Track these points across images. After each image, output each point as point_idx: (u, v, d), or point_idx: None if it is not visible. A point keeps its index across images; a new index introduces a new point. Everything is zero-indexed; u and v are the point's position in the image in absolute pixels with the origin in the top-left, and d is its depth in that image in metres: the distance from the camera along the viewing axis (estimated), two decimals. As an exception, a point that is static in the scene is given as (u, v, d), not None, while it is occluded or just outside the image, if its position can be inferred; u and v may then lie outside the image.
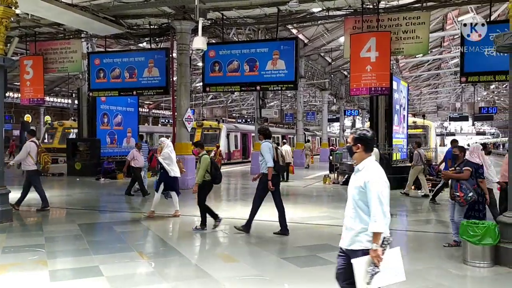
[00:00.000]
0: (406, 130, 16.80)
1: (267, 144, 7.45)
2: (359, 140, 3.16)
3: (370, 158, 3.17)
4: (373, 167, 3.11)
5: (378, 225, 2.95)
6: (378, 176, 3.05)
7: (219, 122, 29.07)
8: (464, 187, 6.43)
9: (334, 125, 55.71)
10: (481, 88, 36.19)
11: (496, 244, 5.52)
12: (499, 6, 16.15)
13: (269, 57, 13.02)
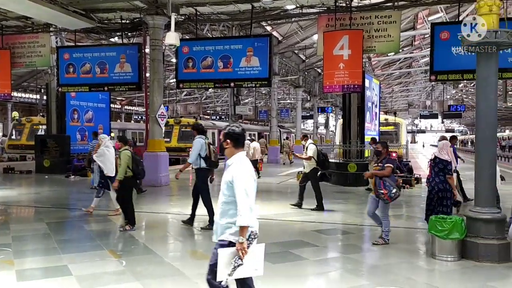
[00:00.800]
0: (378, 127, 17.09)
1: (199, 140, 7.59)
2: (228, 136, 3.28)
3: (240, 153, 3.26)
4: (241, 162, 3.20)
5: (244, 219, 3.03)
6: (245, 172, 3.14)
7: (197, 119, 28.92)
8: (388, 184, 6.46)
9: (308, 122, 56.13)
10: (450, 87, 37.12)
11: (463, 238, 5.68)
12: (468, 7, 16.56)
13: (243, 54, 12.99)
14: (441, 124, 67.92)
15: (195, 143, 7.57)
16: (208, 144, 7.66)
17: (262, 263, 3.17)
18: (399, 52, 25.51)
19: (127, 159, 7.38)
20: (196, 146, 7.51)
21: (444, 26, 12.13)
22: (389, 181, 6.46)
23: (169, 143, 24.62)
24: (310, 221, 8.40)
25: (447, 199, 7.59)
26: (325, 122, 45.04)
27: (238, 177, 3.11)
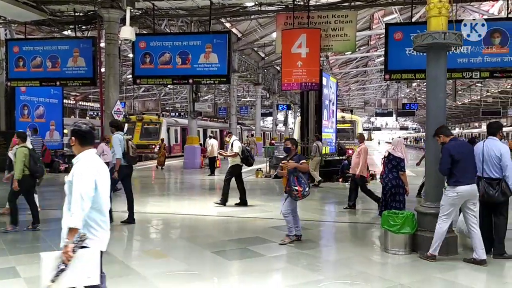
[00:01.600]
0: (335, 124, 17.41)
1: (118, 136, 7.64)
2: (74, 133, 3.09)
3: (87, 151, 3.07)
4: (85, 160, 3.02)
5: (73, 220, 2.83)
6: (85, 171, 2.94)
7: (159, 117, 28.61)
8: (303, 181, 6.26)
9: (268, 119, 56.44)
10: (404, 86, 38.39)
11: (414, 232, 5.89)
12: (420, 8, 17.17)
13: (201, 50, 12.87)
14: (396, 122, 70.17)
15: (113, 140, 7.59)
16: (126, 140, 7.70)
17: (97, 271, 2.88)
18: (356, 51, 26.13)
19: (22, 156, 7.01)
20: (116, 142, 7.54)
21: (398, 27, 12.50)
22: (304, 178, 6.30)
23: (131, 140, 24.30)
24: (267, 218, 8.45)
25: (400, 194, 7.87)
26: (284, 119, 45.43)
27: (77, 177, 2.89)
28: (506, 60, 11.01)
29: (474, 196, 5.47)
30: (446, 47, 5.94)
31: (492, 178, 5.63)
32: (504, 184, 5.56)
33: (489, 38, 11.03)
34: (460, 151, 5.50)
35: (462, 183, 5.38)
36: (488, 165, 5.67)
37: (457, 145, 5.61)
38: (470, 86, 39.86)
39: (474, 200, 5.48)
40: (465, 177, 5.40)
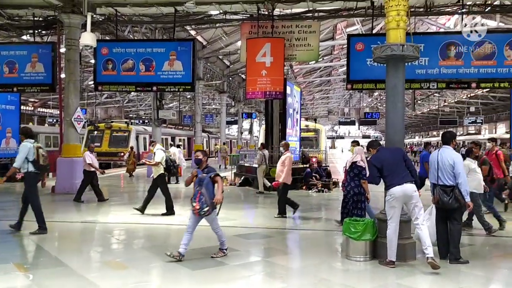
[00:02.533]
0: (299, 133, 17.60)
1: (27, 144, 7.51)
2: None
3: None
4: None
5: None
6: None
7: (128, 124, 28.25)
8: (204, 199, 5.78)
9: (233, 127, 56.46)
10: (366, 95, 39.35)
11: (374, 239, 6.01)
12: (381, 20, 17.70)
13: (166, 58, 12.78)
14: (358, 130, 71.68)
15: (21, 147, 7.45)
16: (37, 148, 7.57)
17: None
18: (319, 61, 26.60)
19: None
20: (23, 150, 7.39)
21: (359, 38, 12.84)
22: (207, 196, 5.76)
23: (100, 148, 24.26)
24: (231, 226, 8.41)
25: (361, 202, 8.03)
26: (250, 127, 45.58)
27: None
28: (461, 72, 11.50)
29: (409, 197, 5.64)
30: (404, 58, 6.15)
31: (446, 185, 5.86)
32: (457, 191, 5.79)
33: (445, 51, 11.50)
34: (381, 159, 5.83)
35: (393, 185, 5.66)
36: (443, 172, 5.89)
37: (378, 154, 5.98)
38: (429, 96, 41.37)
39: (413, 201, 5.66)
40: (394, 179, 5.67)
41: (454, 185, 5.81)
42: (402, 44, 5.95)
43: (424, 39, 11.81)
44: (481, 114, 39.10)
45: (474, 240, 7.53)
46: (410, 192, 5.64)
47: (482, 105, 41.43)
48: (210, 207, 5.77)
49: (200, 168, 6.06)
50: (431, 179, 6.14)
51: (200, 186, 5.82)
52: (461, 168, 5.84)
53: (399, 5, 6.02)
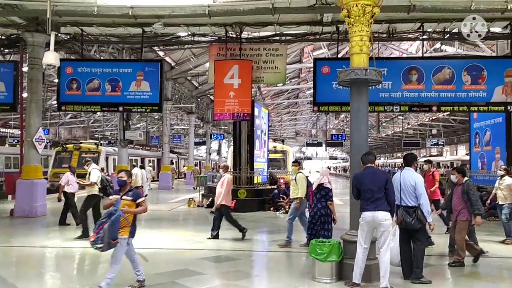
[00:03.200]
0: (266, 154, 17.68)
1: None
2: None
3: None
4: None
5: None
6: None
7: (98, 146, 27.74)
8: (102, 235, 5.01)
9: (201, 148, 56.14)
10: (332, 117, 40.10)
11: (340, 260, 6.03)
12: (347, 45, 18.19)
13: (133, 78, 12.66)
14: (326, 152, 72.65)
15: None
16: None
17: None
18: (287, 83, 27.01)
19: None
20: None
21: (325, 62, 13.13)
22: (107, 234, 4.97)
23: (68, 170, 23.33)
24: (198, 249, 8.28)
25: (328, 223, 8.10)
26: (218, 148, 45.46)
27: None
28: (422, 96, 11.89)
29: (379, 224, 5.61)
30: (367, 82, 6.32)
31: (409, 206, 5.98)
32: (419, 212, 5.92)
33: (407, 75, 11.90)
34: (359, 181, 5.83)
35: (364, 210, 5.69)
36: (405, 194, 6.02)
37: (360, 175, 5.92)
38: (393, 119, 42.54)
39: (382, 229, 5.62)
40: (368, 205, 5.66)
41: (416, 206, 5.94)
42: (365, 69, 6.12)
43: (387, 63, 12.20)
44: (442, 136, 40.44)
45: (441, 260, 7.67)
46: (380, 220, 5.59)
47: (444, 127, 42.89)
48: (105, 246, 4.99)
49: (122, 191, 5.47)
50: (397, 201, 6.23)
51: (108, 218, 5.06)
52: (422, 189, 5.99)
53: (362, 31, 6.22)
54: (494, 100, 11.66)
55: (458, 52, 19.46)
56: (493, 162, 15.10)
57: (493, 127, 15.36)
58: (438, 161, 41.46)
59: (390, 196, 5.70)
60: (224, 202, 9.24)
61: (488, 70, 11.69)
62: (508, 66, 11.76)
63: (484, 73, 11.68)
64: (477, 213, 7.04)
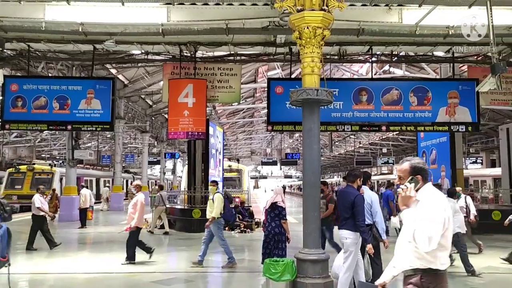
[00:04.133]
0: (221, 173, 17.59)
1: None
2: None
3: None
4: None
5: None
6: None
7: (52, 166, 26.86)
8: None
9: (156, 168, 55.09)
10: (287, 136, 40.65)
11: (294, 279, 6.02)
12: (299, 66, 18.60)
13: (83, 96, 12.30)
14: (280, 170, 73.30)
15: None
16: None
17: None
18: (242, 103, 27.18)
19: None
20: None
21: (279, 82, 13.35)
22: None
23: (21, 191, 23.65)
24: (150, 272, 8.04)
25: (282, 242, 8.08)
26: (173, 167, 44.79)
27: None
28: (372, 116, 12.31)
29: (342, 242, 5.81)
30: (319, 102, 6.45)
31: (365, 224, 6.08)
32: (374, 229, 6.04)
33: (358, 96, 12.29)
34: (335, 199, 5.96)
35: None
36: None
37: (338, 193, 6.21)
38: (345, 138, 43.65)
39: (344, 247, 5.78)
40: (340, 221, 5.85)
41: (372, 223, 6.06)
42: (316, 89, 6.25)
43: (339, 84, 12.57)
44: (392, 155, 41.94)
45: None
46: (341, 238, 5.78)
47: (393, 146, 44.49)
48: None
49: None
50: None
51: None
52: (378, 207, 6.15)
53: (313, 53, 6.37)
54: (438, 120, 12.25)
55: (406, 74, 20.37)
56: (439, 179, 15.77)
57: (438, 146, 16.10)
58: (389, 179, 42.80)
59: (358, 215, 5.71)
60: (137, 224, 8.80)
61: (432, 92, 12.30)
62: (451, 88, 12.43)
63: (429, 94, 12.28)
64: None
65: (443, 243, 2.81)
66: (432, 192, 2.96)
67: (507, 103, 13.77)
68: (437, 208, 2.83)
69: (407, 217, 2.87)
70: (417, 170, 3.01)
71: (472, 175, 25.49)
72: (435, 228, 2.75)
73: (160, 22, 10.45)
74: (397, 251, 2.99)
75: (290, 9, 6.46)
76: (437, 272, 2.85)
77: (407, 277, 2.92)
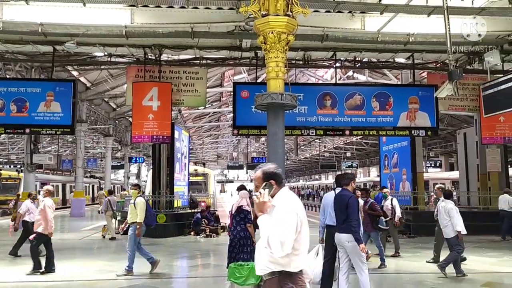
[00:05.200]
0: (187, 177, 17.42)
1: None
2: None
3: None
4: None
5: None
6: None
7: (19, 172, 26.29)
8: None
9: (120, 172, 53.99)
10: (253, 140, 40.76)
11: (259, 283, 6.01)
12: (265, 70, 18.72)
13: (42, 98, 11.95)
14: (247, 174, 73.36)
15: None
16: None
17: None
18: (208, 107, 27.05)
19: None
20: None
21: (244, 86, 13.41)
22: None
23: None
24: (112, 279, 7.84)
25: (247, 246, 8.06)
26: (137, 172, 44.01)
27: None
28: (336, 120, 12.53)
29: (342, 246, 5.89)
30: (283, 106, 6.52)
31: None
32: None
33: (322, 100, 12.49)
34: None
35: None
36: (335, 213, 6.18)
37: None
38: (310, 142, 44.22)
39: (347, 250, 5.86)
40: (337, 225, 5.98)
41: None
42: (281, 93, 6.33)
43: (303, 89, 12.75)
44: (356, 159, 42.76)
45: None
46: (342, 242, 5.80)
47: (357, 150, 45.43)
48: None
49: None
50: (328, 221, 6.33)
51: None
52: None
53: (278, 57, 6.45)
54: (400, 125, 12.61)
55: (369, 80, 20.87)
56: (401, 183, 16.20)
57: (400, 150, 16.54)
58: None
59: (352, 216, 5.78)
60: (42, 230, 8.23)
61: (394, 97, 12.66)
62: (412, 93, 12.83)
63: (390, 100, 12.62)
64: None
65: (296, 247, 2.80)
66: (287, 196, 2.95)
67: (464, 108, 14.34)
68: (289, 212, 2.81)
69: (263, 223, 2.83)
70: (270, 176, 2.99)
71: (432, 178, 26.36)
72: (287, 232, 2.73)
73: (123, 24, 10.29)
74: (256, 257, 2.99)
75: (255, 14, 6.51)
76: (292, 273, 2.85)
77: (266, 281, 2.93)
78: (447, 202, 8.01)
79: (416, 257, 9.98)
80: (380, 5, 9.49)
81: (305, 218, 2.90)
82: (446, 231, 7.78)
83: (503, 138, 13.97)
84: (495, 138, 13.97)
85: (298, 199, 3.02)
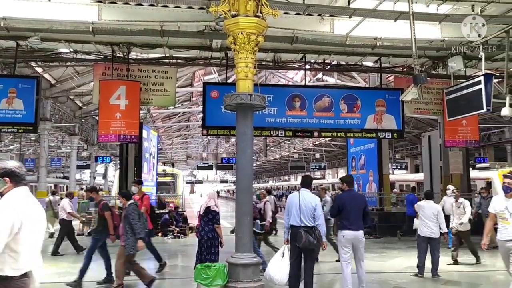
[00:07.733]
0: (155, 178, 17.20)
1: None
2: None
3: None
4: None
5: None
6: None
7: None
8: None
9: (86, 172, 52.70)
10: (223, 141, 40.64)
11: (226, 284, 6.00)
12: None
13: (3, 95, 11.54)
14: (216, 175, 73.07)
15: None
16: None
17: None
18: (178, 106, 26.78)
19: None
20: None
21: (214, 86, 13.35)
22: None
23: None
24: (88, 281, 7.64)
25: (215, 247, 8.02)
26: (104, 172, 43.06)
27: None
28: (305, 122, 12.63)
29: (358, 241, 6.45)
30: (252, 107, 6.51)
31: (308, 227, 6.20)
32: (317, 232, 6.17)
33: (291, 102, 12.57)
34: (343, 203, 6.51)
35: (346, 229, 6.41)
36: (305, 214, 6.22)
37: (343, 196, 6.70)
38: (280, 143, 44.48)
39: (360, 245, 6.49)
40: (351, 225, 6.40)
41: (314, 226, 6.19)
42: (250, 94, 6.31)
43: (273, 90, 12.79)
44: (324, 160, 43.29)
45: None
46: (360, 238, 6.43)
47: (326, 152, 45.96)
48: None
49: None
50: (292, 221, 6.30)
51: None
52: (321, 210, 6.33)
53: (247, 58, 6.43)
54: (367, 127, 12.83)
55: (338, 83, 21.16)
56: (368, 184, 16.51)
57: (367, 152, 16.85)
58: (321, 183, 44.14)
59: (369, 216, 6.74)
60: None
61: (361, 100, 12.87)
62: (378, 96, 13.08)
63: (358, 102, 12.83)
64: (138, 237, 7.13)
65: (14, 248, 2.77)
66: (12, 196, 2.94)
67: (429, 112, 14.74)
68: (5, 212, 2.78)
69: None
70: (6, 173, 2.99)
71: (397, 179, 26.95)
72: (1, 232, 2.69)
73: (90, 21, 10.06)
74: None
75: (225, 14, 6.48)
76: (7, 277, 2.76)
77: None
78: (429, 202, 8.31)
79: (381, 257, 10.18)
80: (348, 9, 9.63)
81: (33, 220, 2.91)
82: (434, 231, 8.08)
83: (465, 141, 14.43)
84: (457, 141, 14.41)
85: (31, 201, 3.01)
